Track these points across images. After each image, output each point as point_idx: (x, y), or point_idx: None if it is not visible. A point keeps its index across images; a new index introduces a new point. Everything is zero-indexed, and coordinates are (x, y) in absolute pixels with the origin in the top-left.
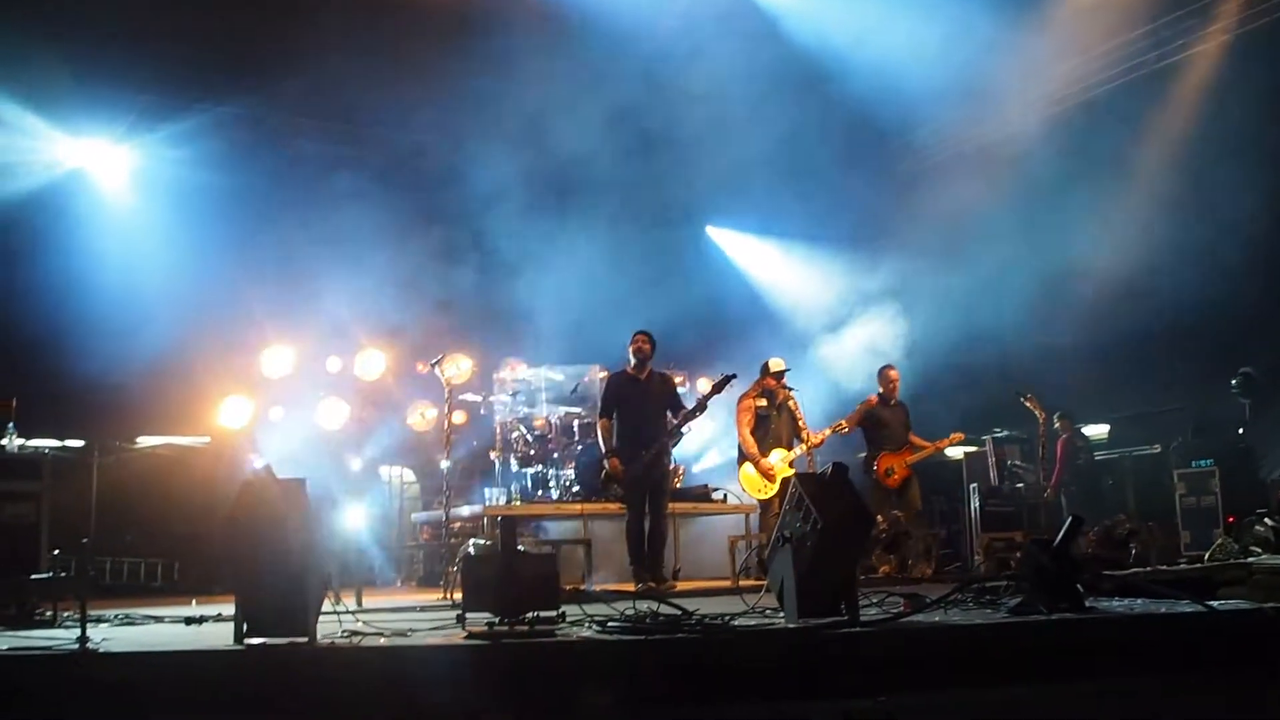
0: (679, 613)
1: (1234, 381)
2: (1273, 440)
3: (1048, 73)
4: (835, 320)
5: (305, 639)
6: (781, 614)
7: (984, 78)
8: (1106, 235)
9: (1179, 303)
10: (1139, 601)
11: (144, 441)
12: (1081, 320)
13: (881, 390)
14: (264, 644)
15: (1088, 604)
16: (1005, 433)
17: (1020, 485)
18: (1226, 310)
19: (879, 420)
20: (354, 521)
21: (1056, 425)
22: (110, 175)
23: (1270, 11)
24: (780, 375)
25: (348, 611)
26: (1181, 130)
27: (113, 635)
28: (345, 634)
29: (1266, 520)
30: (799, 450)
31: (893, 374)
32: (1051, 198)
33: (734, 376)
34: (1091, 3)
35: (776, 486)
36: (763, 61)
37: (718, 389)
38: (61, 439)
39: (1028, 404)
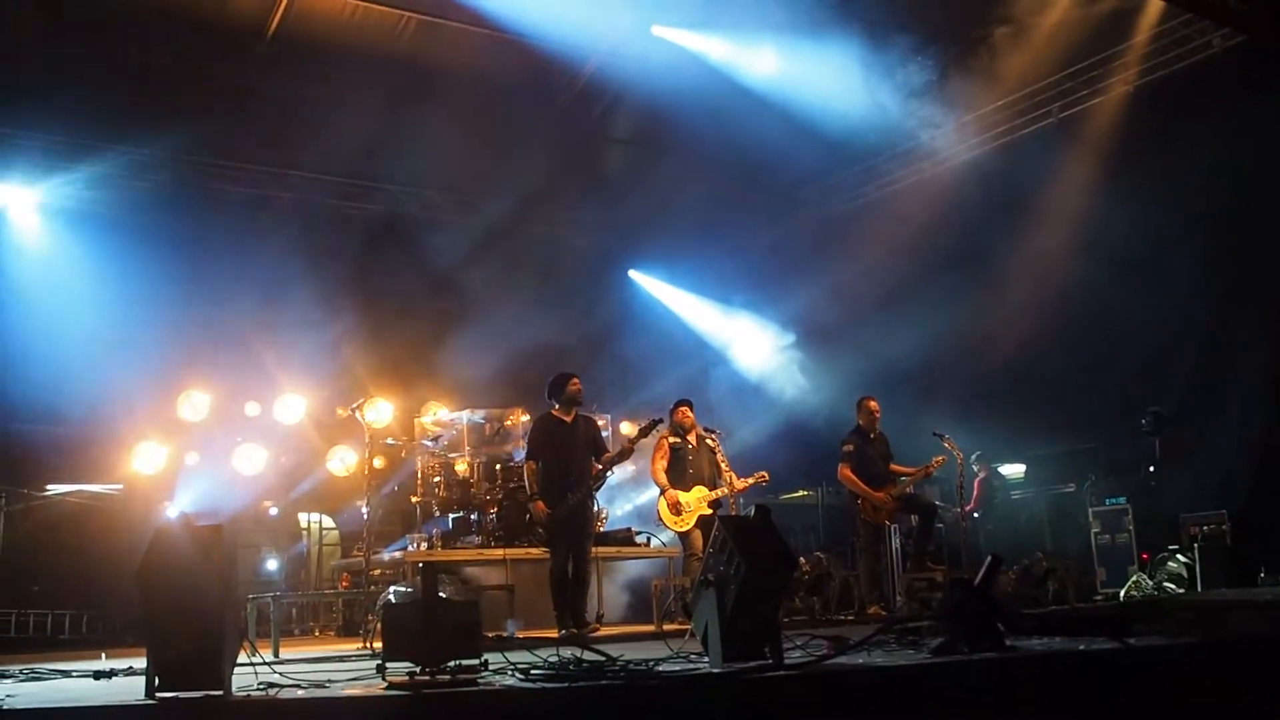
0: (602, 659)
1: (1143, 420)
2: (1182, 477)
3: (964, 119)
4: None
5: (220, 692)
6: (706, 658)
7: (900, 124)
8: (1019, 277)
9: (1091, 341)
10: (1057, 639)
11: (54, 489)
12: (997, 360)
13: (861, 423)
14: (177, 697)
15: (1008, 643)
16: None
17: (940, 525)
18: (1135, 348)
19: (863, 458)
20: (272, 569)
21: (974, 465)
22: (22, 216)
23: (1163, 66)
24: (685, 406)
25: (264, 663)
26: (1088, 175)
27: (17, 691)
28: (261, 686)
29: (1179, 556)
30: (722, 491)
31: (873, 405)
32: (967, 240)
33: (660, 420)
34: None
35: (692, 521)
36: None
37: (644, 433)
38: None
39: (945, 444)
